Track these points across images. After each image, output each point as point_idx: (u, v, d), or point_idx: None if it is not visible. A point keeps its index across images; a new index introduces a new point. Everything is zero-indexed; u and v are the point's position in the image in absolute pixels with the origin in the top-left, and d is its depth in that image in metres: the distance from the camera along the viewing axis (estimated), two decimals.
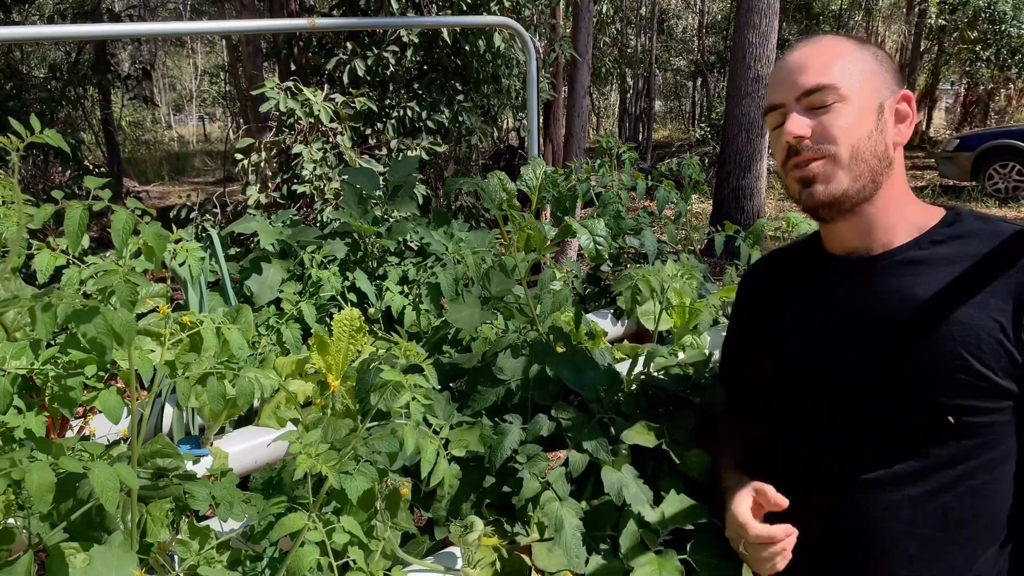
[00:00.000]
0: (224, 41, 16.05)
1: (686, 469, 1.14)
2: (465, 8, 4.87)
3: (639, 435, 1.17)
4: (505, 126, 9.50)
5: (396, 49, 4.83)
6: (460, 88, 5.10)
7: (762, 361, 1.13)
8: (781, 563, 1.00)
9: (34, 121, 0.84)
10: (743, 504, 1.03)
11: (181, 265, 1.72)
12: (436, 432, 1.09)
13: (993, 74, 16.18)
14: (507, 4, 4.93)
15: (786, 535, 1.00)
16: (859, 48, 1.01)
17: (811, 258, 1.12)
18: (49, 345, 0.99)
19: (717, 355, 1.31)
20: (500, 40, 5.04)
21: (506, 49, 5.16)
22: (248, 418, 1.68)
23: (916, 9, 15.76)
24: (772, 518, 1.05)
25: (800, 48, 1.02)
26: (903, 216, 1.01)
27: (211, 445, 1.56)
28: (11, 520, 0.88)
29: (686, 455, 1.16)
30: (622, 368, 1.47)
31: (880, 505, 0.96)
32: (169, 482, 1.00)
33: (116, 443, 1.21)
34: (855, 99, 0.97)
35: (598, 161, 2.58)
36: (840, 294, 1.03)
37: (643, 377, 1.38)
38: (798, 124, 0.98)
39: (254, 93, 3.53)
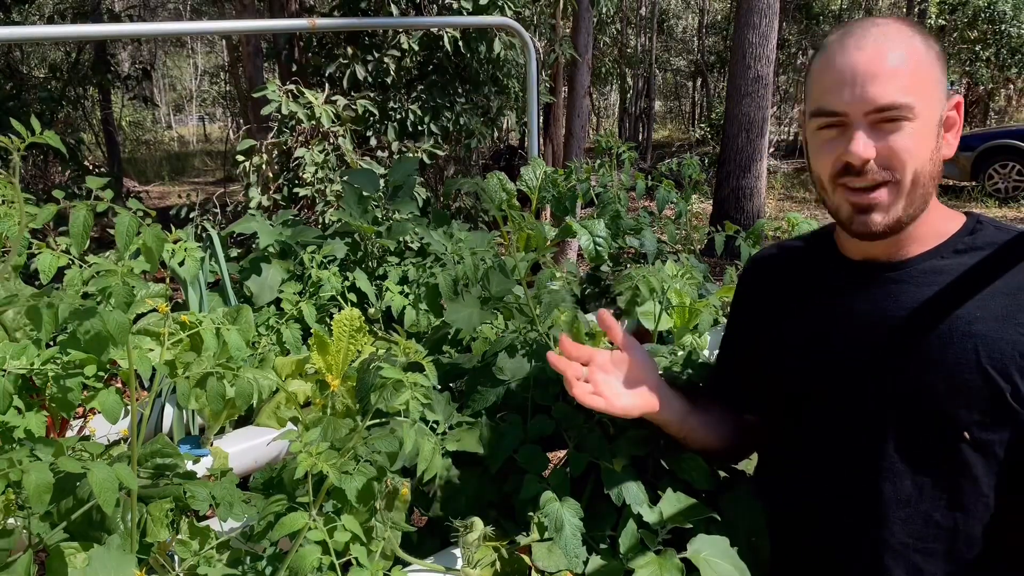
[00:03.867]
0: (224, 41, 16.05)
1: (680, 472, 1.14)
2: (465, 14, 4.87)
3: (631, 446, 1.16)
4: (505, 126, 9.51)
5: (396, 54, 4.82)
6: (461, 91, 5.10)
7: (770, 363, 1.10)
8: (578, 389, 1.02)
9: (34, 122, 0.84)
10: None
11: (181, 265, 1.73)
12: (434, 429, 1.09)
13: (993, 74, 16.19)
14: (508, 12, 4.92)
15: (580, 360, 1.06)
16: (926, 47, 0.91)
17: (821, 259, 1.08)
18: (49, 345, 0.99)
19: (706, 354, 1.30)
20: (500, 46, 5.03)
21: (506, 53, 5.16)
22: (248, 418, 1.68)
23: (916, 9, 15.74)
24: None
25: (867, 45, 0.90)
26: (932, 225, 0.98)
27: (211, 445, 1.56)
28: (11, 520, 0.88)
29: (682, 459, 1.16)
30: None
31: (893, 520, 0.95)
32: (169, 482, 1.00)
33: (116, 443, 1.21)
34: (924, 116, 0.90)
35: (598, 161, 2.58)
36: (858, 301, 0.99)
37: None
38: (866, 146, 0.89)
39: (255, 95, 3.53)
